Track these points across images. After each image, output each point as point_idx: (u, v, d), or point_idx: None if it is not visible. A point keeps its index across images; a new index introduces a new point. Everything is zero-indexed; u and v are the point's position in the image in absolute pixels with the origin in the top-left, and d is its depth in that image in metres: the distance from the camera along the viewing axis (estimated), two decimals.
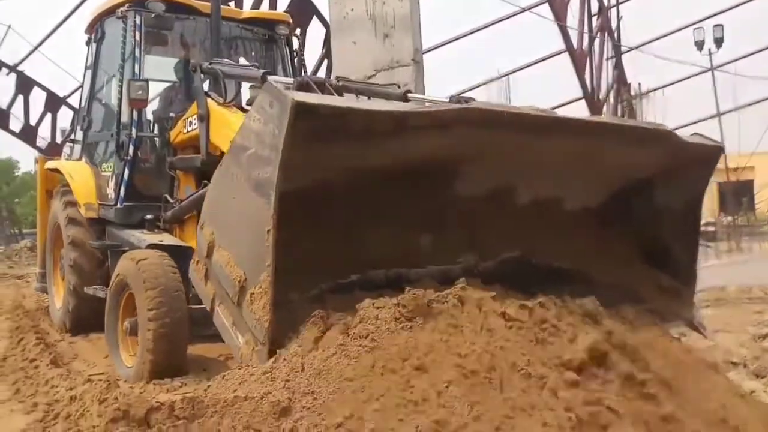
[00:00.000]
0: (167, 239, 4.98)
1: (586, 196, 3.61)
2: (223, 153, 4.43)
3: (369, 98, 4.65)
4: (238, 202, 2.91)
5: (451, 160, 3.01)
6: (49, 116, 17.01)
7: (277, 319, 2.55)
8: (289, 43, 6.47)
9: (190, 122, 4.94)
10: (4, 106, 16.70)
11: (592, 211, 3.67)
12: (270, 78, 4.21)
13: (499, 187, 3.26)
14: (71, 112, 15.25)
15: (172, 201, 5.19)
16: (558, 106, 16.89)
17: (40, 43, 16.15)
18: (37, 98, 16.84)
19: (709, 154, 3.75)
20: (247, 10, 6.21)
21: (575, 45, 14.58)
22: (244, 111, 4.75)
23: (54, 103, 16.90)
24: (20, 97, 16.78)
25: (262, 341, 2.59)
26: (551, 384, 2.38)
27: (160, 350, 3.85)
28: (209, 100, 4.68)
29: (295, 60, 6.50)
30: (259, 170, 2.66)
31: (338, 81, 4.98)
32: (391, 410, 2.14)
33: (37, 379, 4.29)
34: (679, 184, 3.68)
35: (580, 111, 15.18)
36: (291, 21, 6.87)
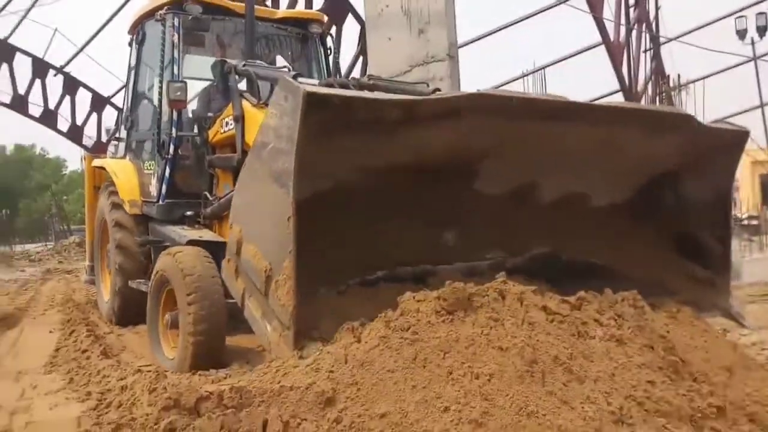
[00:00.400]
0: (206, 235, 5.11)
1: (611, 190, 3.59)
2: None
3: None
4: (261, 195, 2.98)
5: (470, 153, 3.02)
6: (94, 116, 17.52)
7: (303, 310, 2.61)
8: (324, 42, 6.54)
9: (227, 122, 5.06)
10: (53, 107, 17.23)
11: (619, 206, 3.64)
12: (300, 79, 4.29)
13: (522, 183, 3.26)
14: (115, 112, 15.66)
15: (211, 198, 5.34)
16: (594, 99, 16.63)
17: (85, 45, 16.61)
18: (83, 98, 17.35)
19: (735, 139, 3.66)
20: (281, 10, 6.27)
21: (612, 37, 14.32)
22: None
23: (99, 102, 17.39)
24: (67, 98, 17.31)
25: (287, 326, 2.65)
26: (593, 377, 2.39)
27: (201, 333, 3.95)
28: (244, 101, 4.78)
29: (329, 58, 6.57)
30: (278, 162, 2.73)
31: (369, 80, 5.06)
32: (434, 402, 2.17)
33: (89, 369, 4.44)
34: (705, 172, 3.62)
35: None
36: (324, 20, 6.95)
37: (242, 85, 5.14)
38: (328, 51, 6.55)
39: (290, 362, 2.55)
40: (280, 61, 6.55)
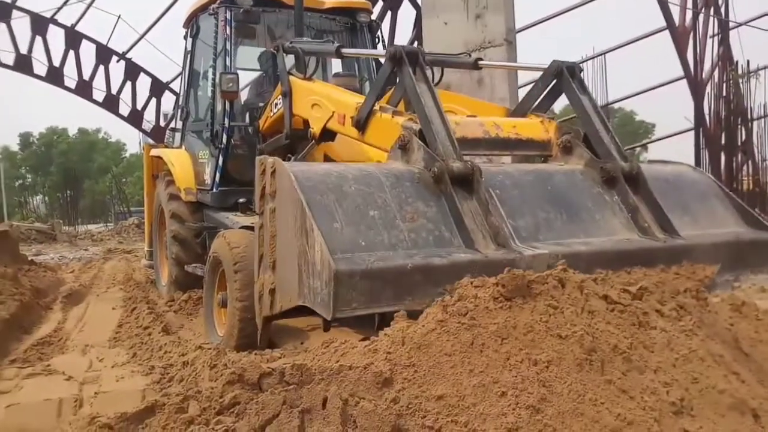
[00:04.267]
0: None
1: None
2: (306, 122, 4.60)
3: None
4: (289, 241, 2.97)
5: None
6: (153, 101, 18.00)
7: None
8: (372, 30, 6.59)
9: (276, 104, 5.16)
10: (114, 92, 17.80)
11: None
12: (343, 51, 4.27)
13: None
14: (173, 97, 16.07)
15: None
16: (657, 86, 16.09)
17: (146, 32, 17.06)
18: (143, 84, 17.86)
19: None
20: (330, 0, 6.39)
21: (677, 21, 13.80)
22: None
23: (158, 88, 17.87)
24: (128, 83, 17.84)
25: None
26: (653, 368, 2.35)
27: (247, 318, 4.03)
28: (291, 77, 4.85)
29: (378, 46, 6.60)
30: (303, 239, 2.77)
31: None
32: (491, 386, 2.18)
33: (151, 345, 4.64)
34: None
35: (681, 91, 14.39)
36: (371, 8, 7.03)
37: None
38: (377, 38, 6.60)
39: (348, 343, 2.60)
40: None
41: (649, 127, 49.74)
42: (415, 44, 12.57)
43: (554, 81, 3.96)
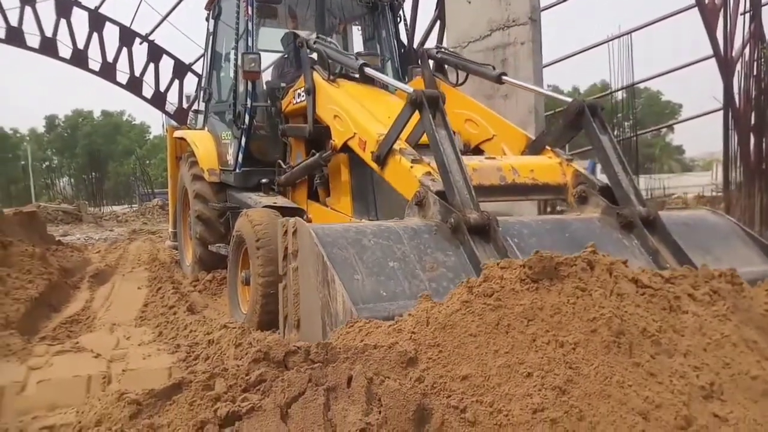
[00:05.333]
0: (280, 201, 5.39)
1: None
2: (327, 127, 4.65)
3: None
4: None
5: None
6: (176, 83, 18.06)
7: None
8: (393, 9, 6.59)
9: (299, 94, 5.19)
10: (138, 74, 17.89)
11: None
12: (366, 70, 4.30)
13: None
14: (196, 79, 16.11)
15: (284, 166, 5.54)
16: (685, 66, 15.74)
17: (169, 13, 17.07)
18: (166, 66, 17.92)
19: None
20: None
21: None
22: (350, 79, 4.91)
23: (181, 70, 17.92)
24: (151, 65, 17.92)
25: None
26: (683, 352, 2.31)
27: (269, 294, 4.09)
28: (315, 73, 4.87)
29: (399, 25, 6.58)
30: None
31: (437, 52, 5.06)
32: (516, 367, 2.16)
33: (176, 323, 4.69)
34: None
35: (709, 70, 14.06)
36: None
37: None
38: (398, 18, 6.56)
39: (372, 323, 2.59)
40: (354, 35, 6.64)
41: (675, 108, 48.86)
42: (437, 24, 12.43)
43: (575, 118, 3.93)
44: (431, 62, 5.18)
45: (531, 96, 7.39)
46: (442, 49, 5.20)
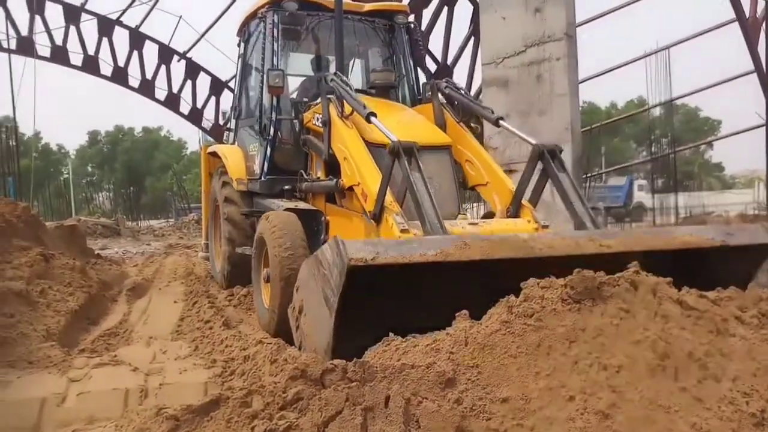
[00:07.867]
0: (301, 205, 5.77)
1: None
2: (337, 160, 5.03)
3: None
4: (315, 301, 3.09)
5: None
6: (213, 99, 18.44)
7: None
8: (409, 31, 6.96)
9: (318, 117, 5.58)
10: (176, 91, 18.30)
11: None
12: (372, 120, 4.56)
13: None
14: (231, 95, 16.40)
15: (306, 175, 5.98)
16: (725, 81, 15.43)
17: (206, 31, 17.48)
18: (203, 83, 18.32)
19: None
20: (369, 4, 6.73)
21: (747, 13, 13.22)
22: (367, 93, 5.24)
23: (217, 86, 18.27)
24: (188, 82, 18.32)
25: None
26: (731, 377, 2.23)
27: (289, 283, 4.15)
28: (331, 106, 5.22)
29: (415, 46, 6.97)
30: (327, 290, 2.88)
31: (446, 87, 5.33)
32: (558, 390, 2.11)
33: (212, 338, 4.72)
34: None
35: (750, 86, 13.78)
36: (408, 10, 7.55)
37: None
38: (415, 39, 7.01)
39: (409, 342, 2.57)
40: (371, 55, 7.12)
41: (714, 124, 47.89)
42: (471, 40, 12.45)
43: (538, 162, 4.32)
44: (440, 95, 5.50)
45: (567, 112, 7.34)
46: (451, 86, 5.49)
